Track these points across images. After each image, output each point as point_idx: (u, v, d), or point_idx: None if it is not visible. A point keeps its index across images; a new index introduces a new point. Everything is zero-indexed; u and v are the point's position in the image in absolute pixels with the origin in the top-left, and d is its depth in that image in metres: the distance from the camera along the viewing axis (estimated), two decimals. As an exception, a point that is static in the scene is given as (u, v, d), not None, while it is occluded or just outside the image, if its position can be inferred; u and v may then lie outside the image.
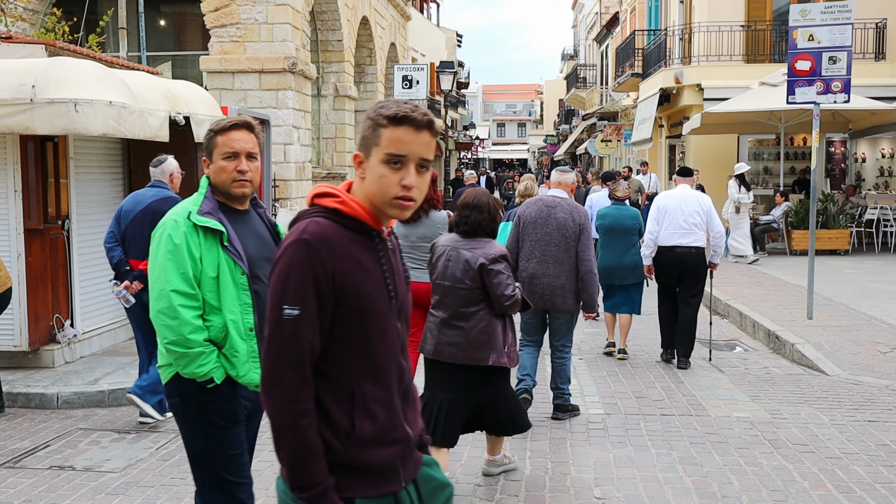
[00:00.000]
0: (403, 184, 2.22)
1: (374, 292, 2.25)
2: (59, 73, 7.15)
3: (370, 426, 2.24)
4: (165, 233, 3.37)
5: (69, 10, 13.86)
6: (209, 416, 3.41)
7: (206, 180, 3.51)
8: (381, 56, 22.90)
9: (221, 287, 3.38)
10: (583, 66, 46.92)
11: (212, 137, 3.48)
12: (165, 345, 3.35)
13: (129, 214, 6.36)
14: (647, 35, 26.88)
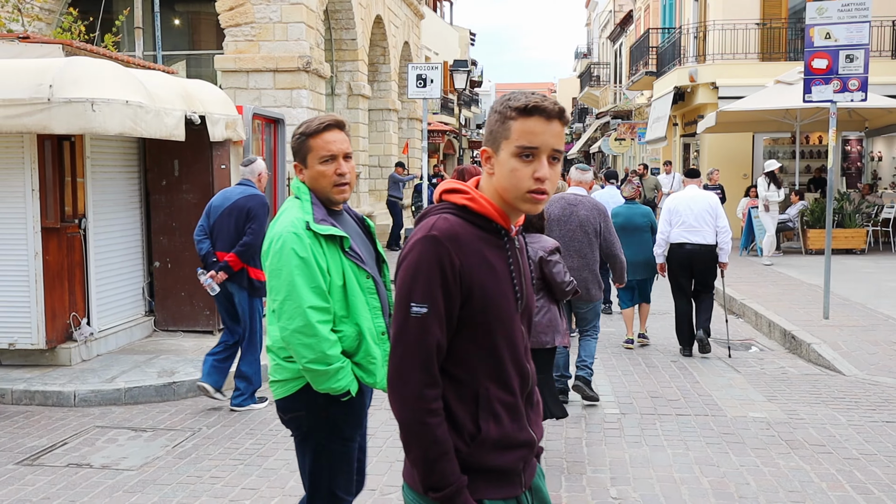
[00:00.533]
0: (536, 176, 2.14)
1: (500, 292, 2.19)
2: (76, 72, 7.19)
3: (495, 429, 2.18)
4: (287, 247, 3.17)
5: (85, 10, 13.92)
6: (339, 428, 3.31)
7: (304, 186, 3.33)
8: (394, 55, 22.91)
9: (349, 294, 3.25)
10: (596, 65, 46.82)
11: (303, 141, 3.29)
12: (305, 364, 3.18)
13: (218, 210, 6.70)
14: (662, 33, 26.78)
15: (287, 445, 5.98)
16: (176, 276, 9.24)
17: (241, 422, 6.59)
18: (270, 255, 3.22)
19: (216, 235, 6.68)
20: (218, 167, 9.25)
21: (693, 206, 8.69)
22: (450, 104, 39.02)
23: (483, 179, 2.26)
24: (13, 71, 7.25)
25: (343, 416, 3.30)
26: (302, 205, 3.27)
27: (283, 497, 5.06)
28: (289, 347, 3.21)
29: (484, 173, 2.25)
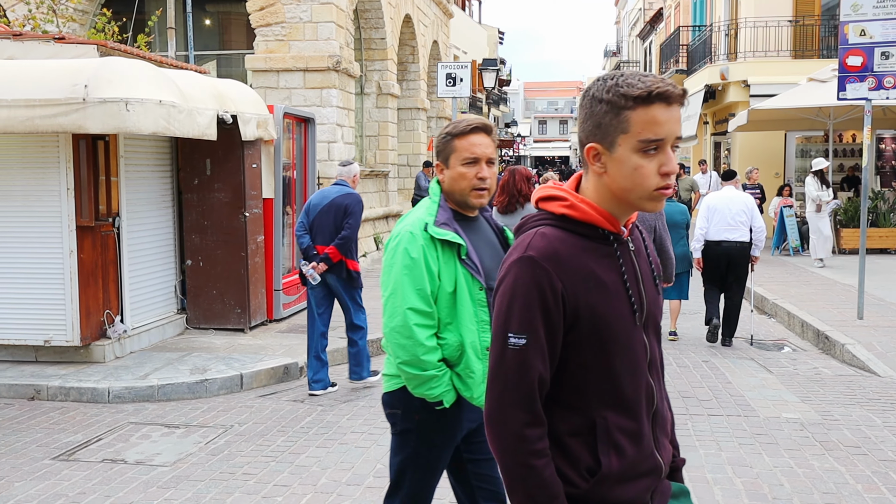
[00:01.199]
0: (664, 171, 1.91)
1: (613, 309, 1.95)
2: (110, 72, 7.27)
3: (617, 461, 1.95)
4: (402, 246, 3.14)
5: (118, 11, 14.06)
6: (428, 435, 3.25)
7: (438, 187, 3.29)
8: (423, 54, 22.92)
9: (458, 303, 3.16)
10: (626, 63, 46.62)
11: (448, 141, 3.23)
12: (399, 364, 3.14)
13: (317, 208, 7.29)
14: (692, 31, 26.60)
15: (318, 443, 6.01)
16: (207, 275, 9.32)
17: (273, 419, 6.63)
18: (387, 251, 3.22)
19: (316, 231, 7.26)
20: (249, 166, 9.32)
21: (731, 205, 9.25)
22: (478, 103, 38.99)
23: (588, 179, 2.02)
24: (49, 71, 7.35)
25: (433, 424, 3.22)
26: (430, 206, 3.24)
27: (315, 494, 5.08)
28: (388, 343, 3.19)
29: (590, 172, 2.00)
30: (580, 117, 2.00)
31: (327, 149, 14.82)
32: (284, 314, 10.07)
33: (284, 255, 10.31)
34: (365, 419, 6.62)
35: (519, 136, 68.00)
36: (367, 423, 6.50)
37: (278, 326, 9.74)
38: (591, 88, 1.96)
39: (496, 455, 1.96)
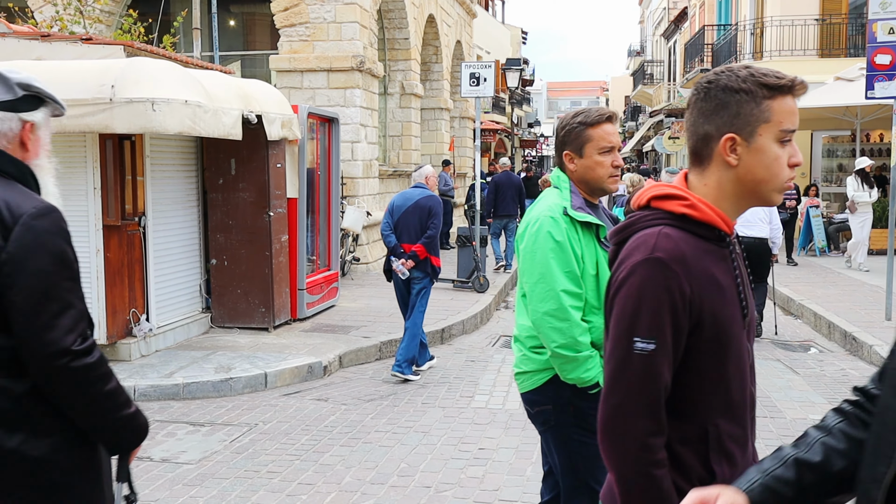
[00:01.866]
0: (792, 162, 1.90)
1: (729, 315, 1.90)
2: (136, 73, 7.32)
3: (728, 470, 1.89)
4: (544, 230, 3.15)
5: (144, 12, 14.16)
6: (587, 421, 3.15)
7: (564, 176, 3.32)
8: (446, 54, 22.92)
9: (601, 285, 3.12)
10: (650, 63, 46.37)
11: (582, 130, 3.24)
12: (554, 349, 3.08)
13: (401, 209, 7.92)
14: (717, 30, 26.42)
15: (342, 442, 6.02)
16: (232, 274, 9.36)
17: (297, 418, 6.65)
18: (526, 238, 3.22)
19: (401, 230, 7.88)
20: (274, 166, 9.35)
21: None
22: (501, 103, 38.95)
23: (707, 176, 1.95)
24: (76, 72, 7.42)
25: (591, 409, 3.06)
26: (561, 193, 3.27)
27: (340, 493, 5.09)
28: (538, 331, 3.15)
29: (710, 169, 1.94)
30: (705, 110, 1.93)
31: (351, 148, 14.86)
32: (308, 313, 10.11)
33: (308, 255, 10.34)
34: (389, 418, 6.62)
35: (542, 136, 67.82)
36: (390, 423, 6.50)
37: (302, 326, 9.78)
38: (719, 80, 1.94)
39: (611, 464, 1.88)
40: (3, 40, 8.39)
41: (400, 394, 7.31)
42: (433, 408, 6.96)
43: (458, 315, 10.41)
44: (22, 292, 2.12)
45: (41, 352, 2.13)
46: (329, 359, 8.17)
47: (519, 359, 3.33)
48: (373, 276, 13.83)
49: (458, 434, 6.26)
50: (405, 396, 7.26)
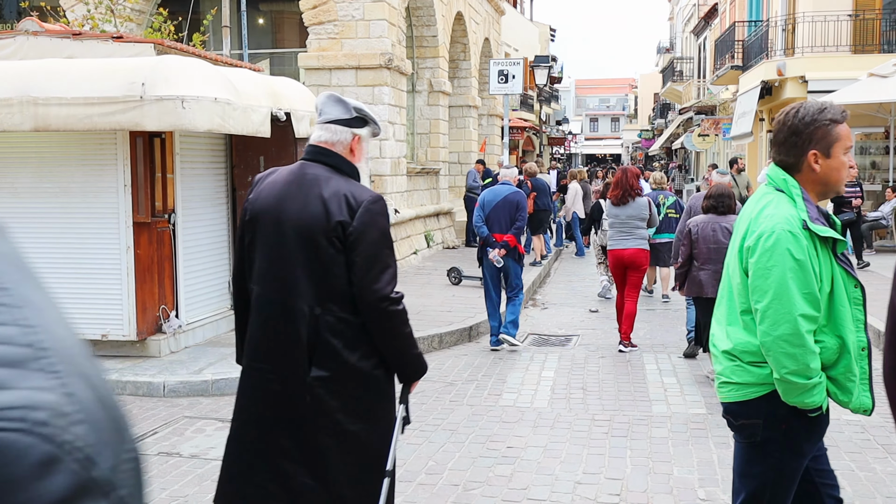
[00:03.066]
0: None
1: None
2: (167, 70, 7.36)
3: None
4: (782, 247, 2.88)
5: (174, 10, 14.26)
6: (796, 443, 3.04)
7: (791, 178, 3.02)
8: (474, 51, 22.88)
9: (836, 302, 2.95)
10: (679, 59, 46.02)
11: (832, 128, 2.96)
12: (785, 374, 2.89)
13: (492, 203, 8.93)
14: (748, 26, 26.16)
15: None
16: (261, 271, 9.38)
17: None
18: (759, 253, 2.94)
19: (492, 222, 8.87)
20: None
21: None
22: (529, 100, 38.84)
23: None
24: (107, 70, 7.47)
25: (804, 432, 3.02)
26: (793, 200, 2.98)
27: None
28: (768, 355, 2.94)
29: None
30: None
31: (379, 146, 14.87)
32: (336, 311, 10.11)
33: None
34: (417, 416, 6.60)
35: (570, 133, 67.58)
36: (418, 421, 6.49)
37: (330, 323, 9.78)
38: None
39: None
40: (35, 39, 8.46)
41: (428, 391, 7.29)
42: (461, 406, 6.95)
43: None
44: (361, 255, 3.08)
45: (370, 297, 3.09)
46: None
47: (729, 368, 3.10)
48: (400, 274, 13.82)
49: (487, 432, 6.24)
50: (433, 394, 7.24)
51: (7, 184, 8.15)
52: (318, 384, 3.11)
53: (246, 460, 3.22)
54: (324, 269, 3.10)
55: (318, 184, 3.17)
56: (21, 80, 7.48)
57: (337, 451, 3.14)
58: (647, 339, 9.61)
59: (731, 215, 7.46)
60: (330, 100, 3.32)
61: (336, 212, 3.08)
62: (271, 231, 3.19)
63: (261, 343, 3.23)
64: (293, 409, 3.14)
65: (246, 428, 3.26)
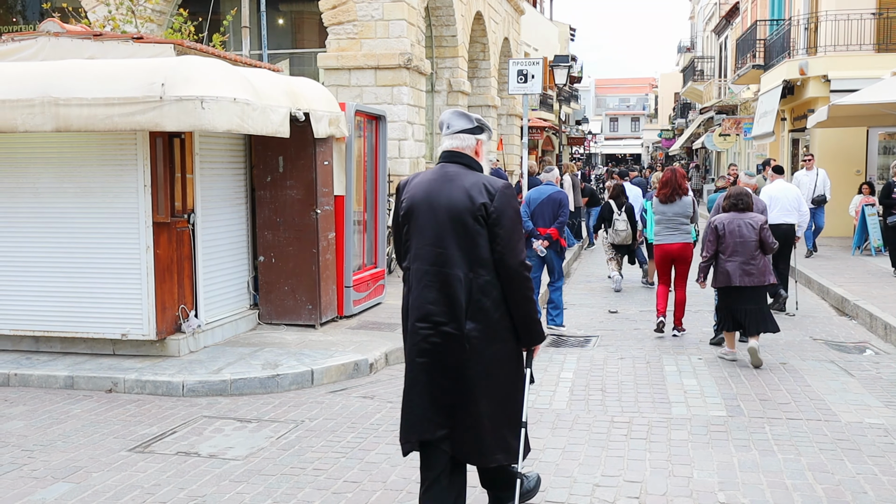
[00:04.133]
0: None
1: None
2: (186, 71, 7.38)
3: None
4: None
5: (194, 11, 14.32)
6: None
7: None
8: (494, 51, 22.85)
9: None
10: (700, 59, 45.75)
11: None
12: None
13: (536, 201, 9.98)
14: (770, 25, 25.96)
15: (388, 440, 6.00)
16: (280, 271, 9.41)
17: (343, 415, 6.65)
18: None
19: (536, 217, 9.93)
20: (321, 163, 9.38)
21: (787, 194, 11.16)
22: (549, 100, 38.73)
23: None
24: (128, 70, 7.50)
25: None
26: None
27: (385, 491, 5.07)
28: None
29: None
30: None
31: (398, 146, 14.87)
32: (355, 311, 10.12)
33: (355, 253, 10.35)
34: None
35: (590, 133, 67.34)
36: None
37: (349, 323, 9.79)
38: None
39: None
40: (57, 39, 8.51)
41: (446, 392, 7.26)
42: (479, 407, 6.92)
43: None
44: (503, 228, 3.96)
45: (512, 261, 3.97)
46: (375, 356, 8.17)
47: None
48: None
49: (505, 433, 6.20)
50: (451, 395, 7.21)
51: (29, 184, 8.20)
52: (473, 335, 3.98)
53: (418, 399, 4.07)
54: (472, 241, 3.96)
55: (459, 177, 4.06)
56: (42, 80, 7.52)
57: (487, 391, 4.03)
58: (668, 340, 9.54)
59: (750, 212, 8.42)
60: (455, 115, 4.24)
61: (478, 196, 3.96)
62: (427, 217, 4.06)
63: (423, 305, 4.04)
64: (453, 357, 3.99)
65: (417, 374, 4.08)
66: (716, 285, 8.50)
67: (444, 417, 4.04)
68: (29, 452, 5.84)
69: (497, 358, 4.05)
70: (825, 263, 13.87)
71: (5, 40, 8.74)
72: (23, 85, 7.55)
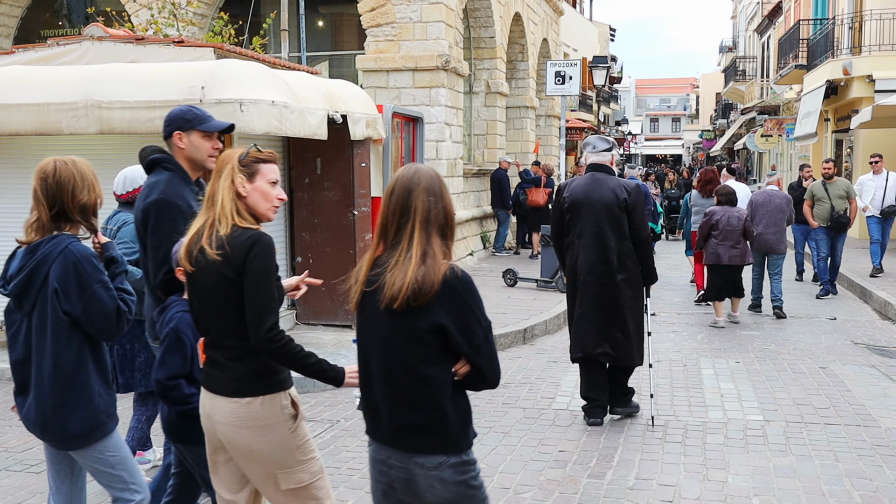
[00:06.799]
0: None
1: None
2: (226, 74, 7.48)
3: None
4: None
5: (234, 14, 14.49)
6: None
7: None
8: (532, 52, 22.80)
9: None
10: (742, 59, 45.27)
11: None
12: None
13: None
14: (813, 24, 25.62)
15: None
16: (317, 272, 9.44)
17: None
18: None
19: None
20: (358, 165, 9.44)
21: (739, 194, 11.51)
22: (588, 101, 38.56)
23: None
24: (168, 74, 7.62)
25: None
26: None
27: (418, 491, 5.10)
28: None
29: None
30: None
31: (435, 148, 14.90)
32: (391, 311, 10.16)
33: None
34: (469, 418, 6.60)
35: (630, 134, 66.93)
36: (470, 422, 6.48)
37: (385, 323, 9.83)
38: None
39: None
40: (100, 44, 8.67)
41: (480, 394, 7.27)
42: (514, 408, 6.93)
43: (542, 315, 10.34)
44: (638, 213, 6.22)
45: (642, 235, 6.25)
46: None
47: None
48: (456, 275, 13.82)
49: (539, 435, 6.22)
50: (485, 396, 7.22)
51: (72, 185, 8.35)
52: (622, 283, 6.27)
53: (586, 326, 6.37)
54: (618, 223, 6.15)
55: (606, 181, 6.27)
56: (86, 84, 7.67)
57: (630, 317, 6.33)
58: (705, 343, 9.47)
59: (737, 206, 10.46)
60: (599, 139, 6.54)
61: (620, 193, 6.16)
62: (587, 208, 6.26)
63: (589, 266, 6.28)
64: (609, 296, 6.28)
65: (585, 311, 6.35)
66: (706, 262, 10.52)
67: (602, 339, 6.29)
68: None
69: (634, 296, 6.33)
70: (869, 268, 13.65)
71: (51, 44, 8.93)
72: (67, 88, 7.70)
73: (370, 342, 2.78)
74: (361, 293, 2.78)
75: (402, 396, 2.71)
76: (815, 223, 12.50)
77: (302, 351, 3.15)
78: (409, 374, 2.68)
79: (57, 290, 3.31)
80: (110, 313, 3.36)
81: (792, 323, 10.53)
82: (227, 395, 3.12)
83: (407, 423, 2.72)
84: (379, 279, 2.68)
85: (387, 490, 2.81)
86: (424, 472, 2.70)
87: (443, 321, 2.63)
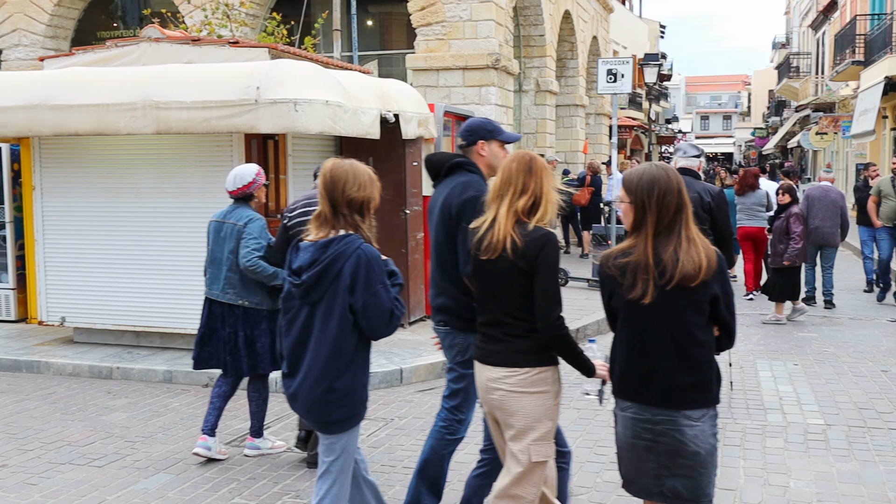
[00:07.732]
0: None
1: None
2: (280, 74, 7.52)
3: None
4: None
5: (286, 14, 14.60)
6: None
7: None
8: (582, 50, 22.64)
9: None
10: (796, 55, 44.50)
11: None
12: None
13: None
14: (871, 20, 25.09)
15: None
16: (369, 270, 9.49)
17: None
18: None
19: None
20: (410, 164, 9.44)
21: None
22: (638, 98, 38.19)
23: None
24: (224, 74, 7.69)
25: None
26: None
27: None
28: None
29: None
30: None
31: (486, 146, 14.85)
32: (442, 310, 10.15)
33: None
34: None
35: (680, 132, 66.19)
36: (524, 423, 6.45)
37: (436, 322, 9.83)
38: None
39: None
40: (157, 45, 8.79)
41: (534, 394, 7.24)
42: (568, 409, 6.88)
43: (593, 315, 10.26)
44: (721, 215, 6.47)
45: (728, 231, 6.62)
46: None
47: None
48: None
49: (594, 437, 6.16)
50: (539, 397, 7.19)
51: (130, 184, 8.48)
52: None
53: None
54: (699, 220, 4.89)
55: (692, 185, 6.29)
56: (143, 85, 7.78)
57: None
58: (762, 344, 9.31)
59: None
60: (690, 146, 7.11)
61: (705, 196, 6.42)
62: None
63: None
64: None
65: None
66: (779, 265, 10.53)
67: None
68: (131, 444, 6.05)
69: None
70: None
71: (109, 46, 9.07)
72: (126, 89, 7.81)
73: (648, 318, 3.19)
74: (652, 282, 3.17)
75: (682, 360, 3.18)
76: (878, 222, 12.05)
77: (574, 340, 3.58)
78: (691, 340, 3.16)
79: (349, 286, 3.60)
80: (386, 312, 3.68)
81: (851, 325, 10.32)
82: (505, 366, 3.60)
83: (682, 382, 3.20)
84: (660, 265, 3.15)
85: (650, 445, 3.25)
86: (690, 423, 3.20)
87: (717, 292, 3.16)
